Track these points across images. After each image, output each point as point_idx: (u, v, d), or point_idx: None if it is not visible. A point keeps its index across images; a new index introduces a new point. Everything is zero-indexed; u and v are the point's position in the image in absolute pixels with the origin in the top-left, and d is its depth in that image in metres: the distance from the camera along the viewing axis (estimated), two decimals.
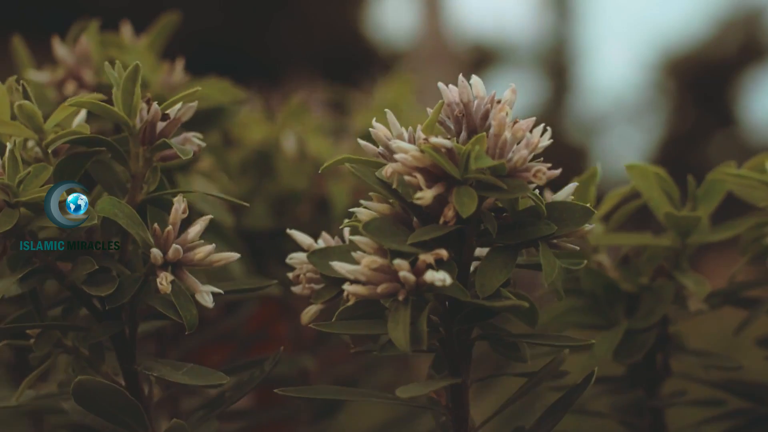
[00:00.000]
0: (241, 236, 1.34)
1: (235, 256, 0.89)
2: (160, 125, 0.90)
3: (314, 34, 6.96)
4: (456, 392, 0.88)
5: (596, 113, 8.24)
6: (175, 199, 0.87)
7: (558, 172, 0.83)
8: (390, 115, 0.86)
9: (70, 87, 1.12)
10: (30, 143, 0.92)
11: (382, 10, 8.27)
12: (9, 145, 0.85)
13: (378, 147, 0.87)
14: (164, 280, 0.86)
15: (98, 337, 0.90)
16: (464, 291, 0.82)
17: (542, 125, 0.84)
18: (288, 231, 0.93)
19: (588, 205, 0.85)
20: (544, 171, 0.82)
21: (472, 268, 0.86)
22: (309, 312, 0.90)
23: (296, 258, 0.91)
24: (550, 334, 0.88)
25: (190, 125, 1.17)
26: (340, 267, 0.82)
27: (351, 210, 0.87)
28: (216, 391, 0.96)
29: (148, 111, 0.89)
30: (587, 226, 0.85)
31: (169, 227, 0.87)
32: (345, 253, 0.85)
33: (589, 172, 1.04)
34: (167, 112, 0.90)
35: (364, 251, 0.83)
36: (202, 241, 0.88)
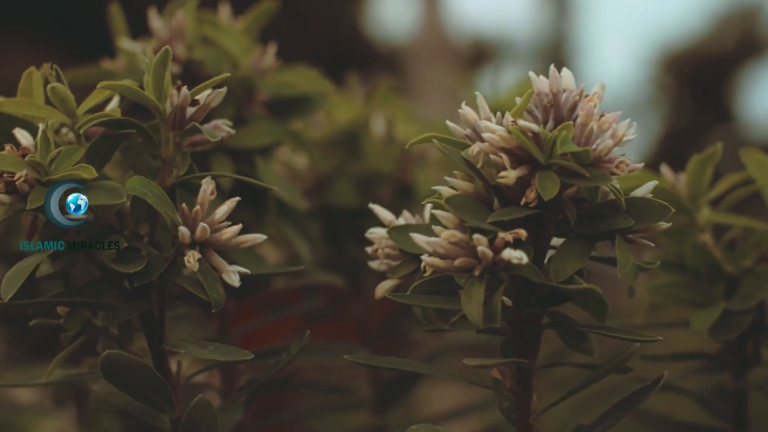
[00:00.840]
0: (322, 213, 1.36)
1: (262, 237, 0.91)
2: (190, 110, 0.92)
3: (313, 30, 6.96)
4: (522, 375, 0.90)
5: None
6: (203, 181, 0.89)
7: (641, 165, 0.85)
8: (480, 99, 0.88)
9: None
10: (63, 129, 0.94)
11: (382, 6, 8.28)
12: (42, 126, 0.87)
13: (465, 129, 0.89)
14: (192, 258, 0.87)
15: (127, 315, 0.92)
16: (538, 272, 0.84)
17: (628, 119, 0.85)
18: (370, 205, 0.95)
19: (666, 203, 0.86)
20: (627, 163, 0.84)
21: (547, 258, 0.87)
22: (383, 286, 0.93)
23: (376, 233, 0.94)
24: (620, 327, 0.89)
25: (274, 110, 1.21)
26: (420, 239, 0.85)
27: (434, 188, 0.89)
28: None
29: (178, 96, 0.91)
30: (663, 224, 0.86)
31: (197, 207, 0.89)
32: (425, 230, 0.87)
33: (709, 151, 1.06)
34: (197, 97, 0.92)
35: (445, 226, 0.85)
36: (230, 222, 0.90)
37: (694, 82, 8.03)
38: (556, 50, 8.07)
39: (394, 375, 1.43)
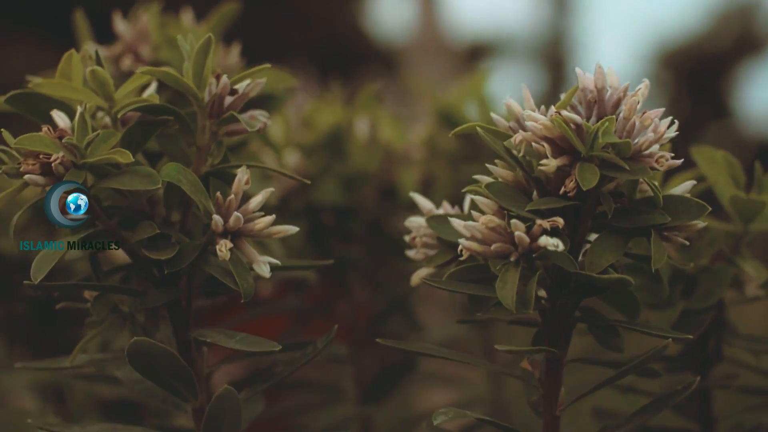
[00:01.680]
0: (308, 211, 1.37)
1: (294, 229, 0.90)
2: (228, 99, 0.91)
3: (311, 29, 6.95)
4: (551, 366, 0.91)
5: None
6: (239, 170, 0.89)
7: (680, 162, 0.86)
8: (525, 91, 0.89)
9: (126, 61, 1.14)
10: (100, 114, 0.94)
11: (380, 5, 8.27)
12: (80, 109, 0.87)
13: (509, 122, 0.90)
14: (224, 247, 0.87)
15: (155, 303, 0.91)
16: (573, 262, 0.85)
17: (670, 117, 0.86)
18: (411, 194, 0.97)
19: (703, 202, 0.86)
20: (667, 158, 0.85)
21: (582, 251, 0.88)
22: (419, 274, 0.94)
23: (414, 222, 0.95)
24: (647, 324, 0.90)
25: (241, 109, 1.20)
26: (458, 223, 0.86)
27: (474, 177, 0.90)
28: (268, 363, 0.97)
29: (218, 84, 0.91)
30: (700, 223, 0.87)
31: (231, 196, 0.88)
32: (464, 220, 0.87)
33: None
34: (236, 87, 0.92)
35: (483, 212, 0.86)
36: (263, 212, 0.90)
37: (691, 78, 8.04)
38: (554, 47, 8.08)
39: (378, 373, 1.43)
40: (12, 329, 1.41)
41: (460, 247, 0.86)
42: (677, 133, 0.86)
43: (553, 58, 8.14)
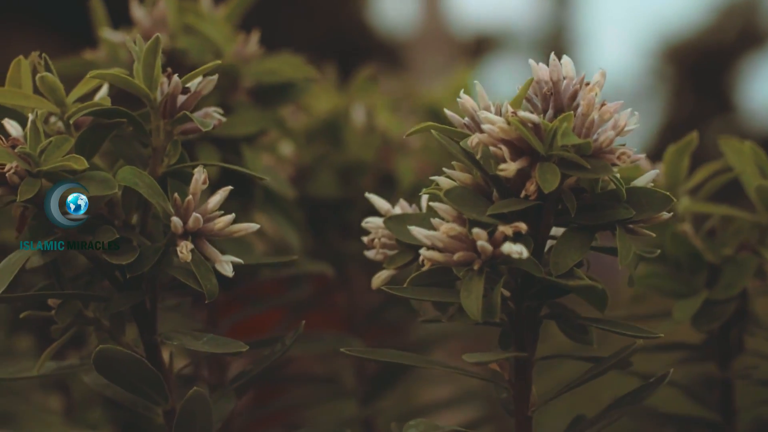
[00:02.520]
0: (305, 204, 1.36)
1: (255, 226, 0.90)
2: (181, 98, 0.90)
3: (316, 22, 6.95)
4: (520, 367, 0.89)
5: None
6: (195, 170, 0.88)
7: (643, 156, 0.85)
8: (479, 87, 0.87)
9: None
10: (52, 119, 0.93)
11: None
12: (31, 116, 0.86)
13: (464, 118, 0.88)
14: (184, 249, 0.86)
15: (119, 307, 0.90)
16: (539, 266, 0.83)
17: (630, 109, 0.85)
18: (366, 195, 0.94)
19: (668, 193, 0.85)
20: (629, 154, 0.83)
21: (546, 248, 0.86)
22: (380, 277, 0.91)
23: (372, 222, 0.93)
24: (620, 321, 0.88)
25: (259, 97, 1.20)
26: (418, 232, 0.84)
27: (432, 178, 0.88)
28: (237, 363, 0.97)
29: (169, 84, 0.90)
30: (665, 214, 0.85)
31: (189, 197, 0.87)
32: (422, 220, 0.86)
33: (685, 140, 1.05)
34: (188, 85, 0.91)
35: (443, 218, 0.84)
36: (222, 211, 0.89)
37: (694, 72, 8.03)
38: (556, 41, 8.07)
39: (381, 366, 1.43)
40: (14, 319, 1.41)
41: (421, 258, 0.84)
42: (637, 125, 0.85)
43: (554, 51, 8.11)
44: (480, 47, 7.86)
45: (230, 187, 0.89)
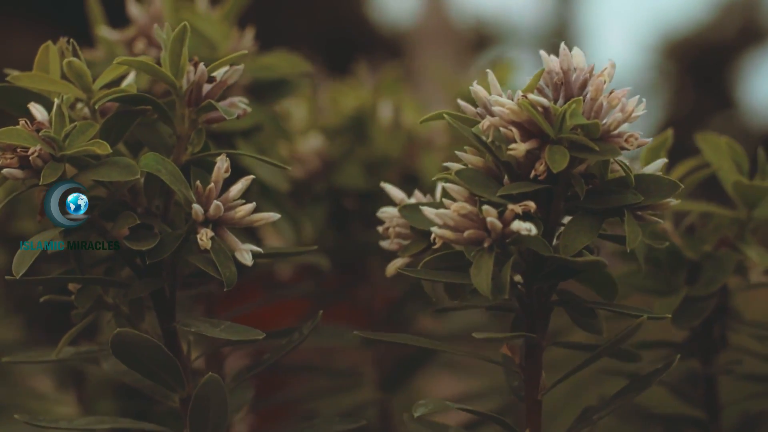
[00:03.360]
0: (329, 197, 1.37)
1: (276, 216, 0.90)
2: (206, 87, 0.91)
3: (316, 16, 6.94)
4: (531, 351, 0.90)
5: None
6: (218, 158, 0.89)
7: (650, 140, 0.86)
8: (491, 76, 0.89)
9: (139, 45, 1.14)
10: (79, 105, 0.93)
11: None
12: (57, 101, 0.87)
13: (477, 108, 0.89)
14: (204, 236, 0.87)
15: (138, 293, 0.91)
16: (547, 245, 0.84)
17: (638, 96, 0.86)
18: (382, 184, 0.95)
19: (676, 180, 0.86)
20: (636, 137, 0.85)
21: (556, 234, 0.87)
22: (395, 264, 0.93)
23: (387, 212, 0.94)
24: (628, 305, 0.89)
25: (255, 93, 1.20)
26: (430, 212, 0.85)
27: (444, 164, 0.89)
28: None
29: (195, 72, 0.90)
30: (672, 200, 0.87)
31: (211, 185, 0.88)
32: (436, 208, 0.86)
33: (661, 137, 1.05)
34: (214, 74, 0.91)
35: (455, 199, 0.85)
36: (243, 200, 0.89)
37: (695, 68, 8.03)
38: (558, 36, 8.07)
39: (398, 359, 1.43)
40: (30, 310, 1.41)
41: (433, 236, 0.85)
42: (645, 112, 0.85)
43: (556, 47, 8.13)
44: (482, 42, 7.85)
45: (252, 176, 0.90)
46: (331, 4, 7.21)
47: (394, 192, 0.95)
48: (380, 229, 0.95)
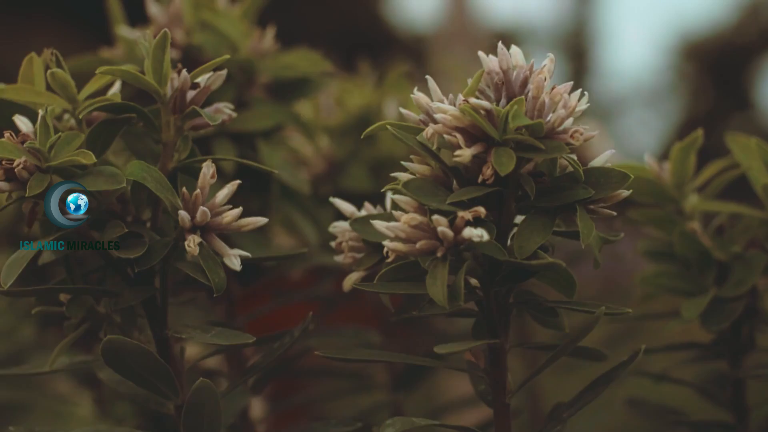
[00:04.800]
0: (336, 197, 1.36)
1: (263, 220, 0.90)
2: (190, 93, 0.91)
3: (333, 16, 6.95)
4: (494, 355, 0.90)
5: (615, 96, 8.22)
6: (204, 164, 0.89)
7: (596, 134, 0.85)
8: (431, 82, 0.88)
9: None
10: (66, 116, 0.93)
11: None
12: (41, 112, 0.87)
13: (419, 115, 0.88)
14: (192, 243, 0.87)
15: (129, 302, 0.91)
16: (501, 249, 0.83)
17: (580, 90, 0.85)
18: (330, 199, 0.95)
19: (625, 170, 0.85)
20: (582, 132, 0.84)
21: (510, 235, 0.87)
22: (350, 279, 0.93)
23: (339, 226, 0.94)
24: (583, 301, 0.89)
25: (276, 92, 1.20)
26: (380, 225, 0.84)
27: (392, 174, 0.88)
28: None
29: (178, 79, 0.90)
30: (623, 192, 0.86)
31: (197, 191, 0.88)
32: (387, 219, 0.87)
33: (691, 137, 1.05)
34: (197, 80, 0.91)
35: (404, 210, 0.85)
36: (230, 205, 0.89)
37: (714, 69, 8.00)
38: (577, 37, 8.06)
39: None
40: (44, 314, 1.42)
41: (385, 249, 0.84)
42: (587, 105, 0.85)
43: (575, 48, 8.12)
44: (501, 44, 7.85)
45: (238, 182, 0.90)
46: (347, 5, 7.22)
47: (344, 206, 0.95)
48: (333, 244, 0.94)
